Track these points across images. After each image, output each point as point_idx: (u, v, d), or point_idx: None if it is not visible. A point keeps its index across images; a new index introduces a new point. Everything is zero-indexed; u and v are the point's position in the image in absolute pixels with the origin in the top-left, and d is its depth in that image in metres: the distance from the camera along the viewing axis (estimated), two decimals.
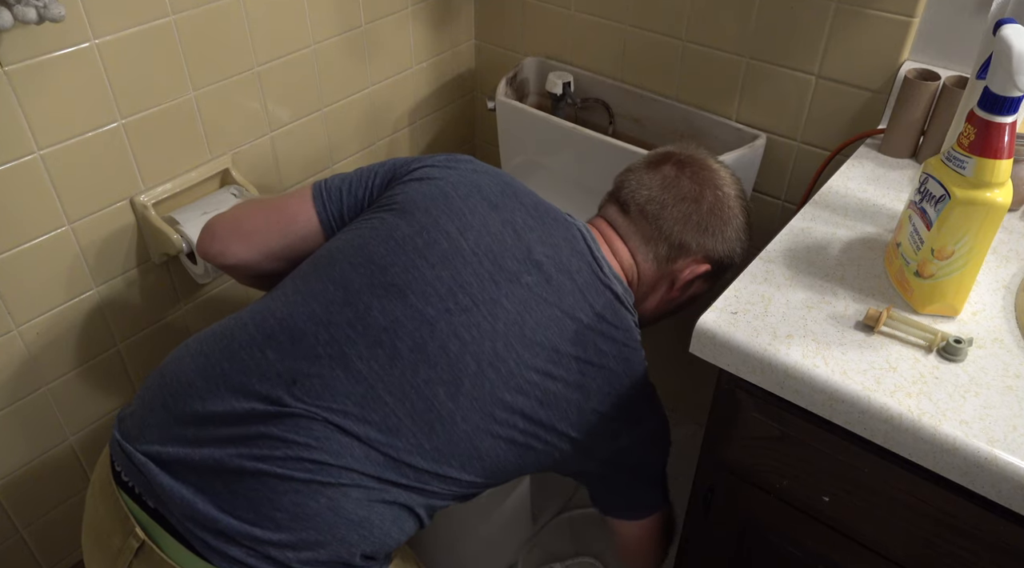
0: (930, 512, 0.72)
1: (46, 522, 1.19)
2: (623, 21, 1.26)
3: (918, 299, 0.77)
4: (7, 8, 0.83)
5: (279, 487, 0.72)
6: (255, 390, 0.75)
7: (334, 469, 0.74)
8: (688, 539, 0.98)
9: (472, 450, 0.79)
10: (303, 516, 0.73)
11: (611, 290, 0.87)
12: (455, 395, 0.77)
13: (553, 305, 0.82)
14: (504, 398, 0.79)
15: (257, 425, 0.74)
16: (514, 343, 0.79)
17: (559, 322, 0.82)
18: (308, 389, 0.75)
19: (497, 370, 0.78)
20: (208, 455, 0.74)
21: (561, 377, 0.81)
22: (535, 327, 0.81)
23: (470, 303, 0.79)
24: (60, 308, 1.07)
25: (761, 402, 0.78)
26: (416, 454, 0.77)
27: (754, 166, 1.21)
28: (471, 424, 0.78)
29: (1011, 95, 0.66)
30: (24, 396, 1.08)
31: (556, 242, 0.86)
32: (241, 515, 0.72)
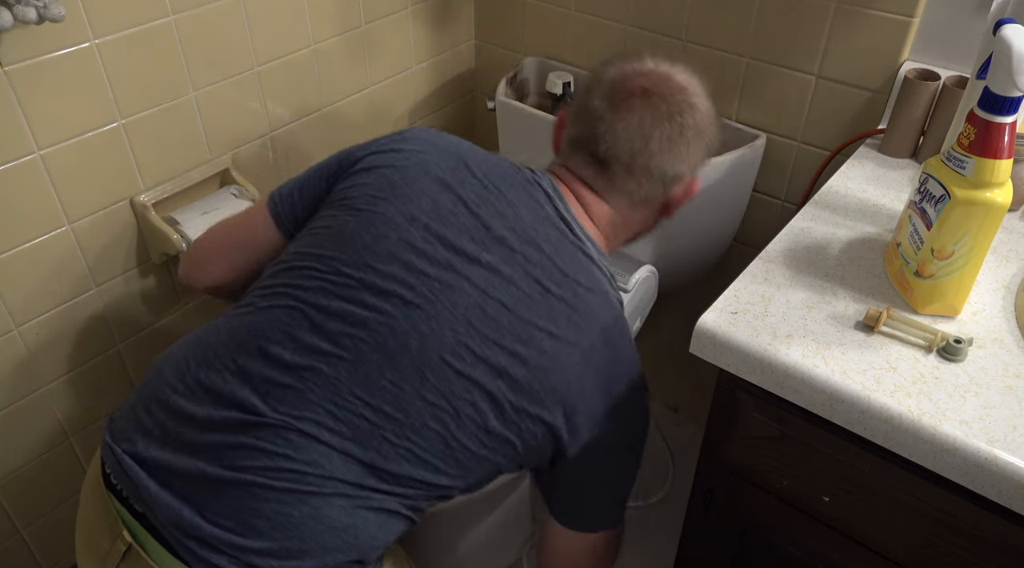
0: (930, 512, 0.72)
1: (46, 522, 1.19)
2: (623, 21, 1.26)
3: (918, 299, 0.77)
4: (7, 8, 0.83)
5: (261, 495, 0.72)
6: (233, 398, 0.74)
7: (314, 478, 0.73)
8: (688, 539, 0.98)
9: (445, 448, 0.76)
10: (286, 525, 0.72)
11: (584, 252, 0.81)
12: (420, 392, 0.75)
13: (519, 281, 0.77)
14: (470, 389, 0.75)
15: (236, 434, 0.73)
16: (478, 327, 0.76)
17: (527, 299, 0.77)
18: (281, 398, 0.74)
19: (462, 359, 0.75)
20: (191, 464, 0.73)
21: (532, 358, 0.76)
22: (500, 308, 0.76)
23: (427, 293, 0.76)
24: (60, 308, 1.07)
25: (761, 402, 0.78)
26: (392, 460, 0.75)
27: (754, 166, 1.21)
28: (441, 422, 0.75)
29: (1011, 95, 0.66)
30: (24, 396, 1.08)
31: (518, 212, 0.81)
32: (224, 524, 0.72)
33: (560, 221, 0.82)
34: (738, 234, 1.32)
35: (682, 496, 1.00)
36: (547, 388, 0.77)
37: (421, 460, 0.76)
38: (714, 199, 1.18)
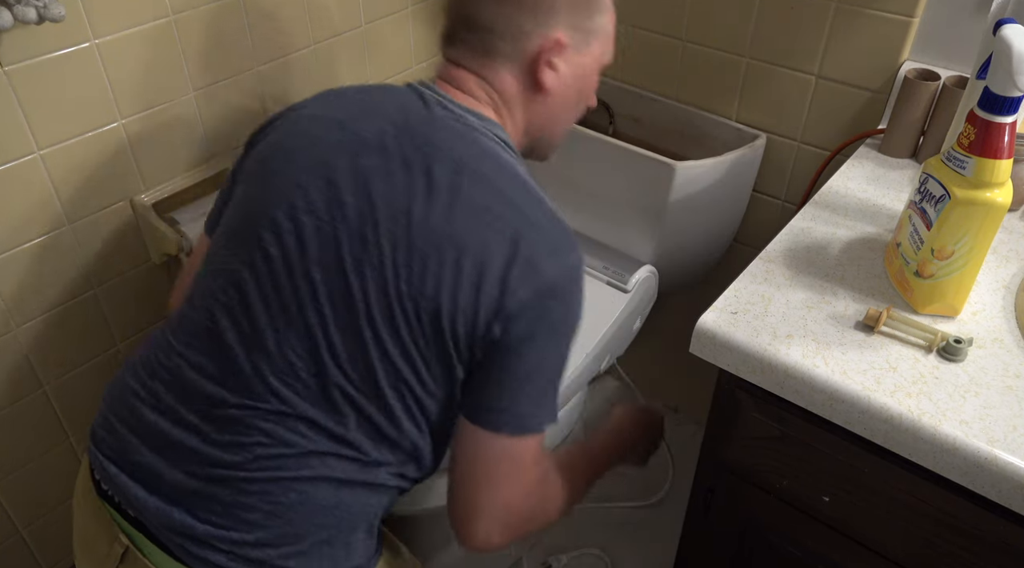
0: (930, 512, 0.72)
1: (46, 522, 1.19)
2: (623, 21, 1.26)
3: (918, 299, 0.77)
4: (7, 8, 0.83)
5: (247, 489, 0.72)
6: (199, 393, 0.74)
7: (293, 459, 0.72)
8: (688, 539, 0.98)
9: (391, 409, 0.74)
10: (276, 513, 0.72)
11: (473, 129, 0.76)
12: (350, 346, 0.73)
13: (408, 209, 0.72)
14: (387, 341, 0.72)
15: (207, 431, 0.73)
16: (390, 280, 0.71)
17: (423, 223, 0.71)
18: (241, 385, 0.74)
19: (386, 315, 0.72)
20: (172, 468, 0.73)
21: (449, 267, 0.70)
22: (409, 248, 0.71)
23: (321, 277, 0.73)
24: (60, 308, 1.07)
25: (761, 402, 0.78)
26: (355, 429, 0.73)
27: (754, 166, 1.21)
28: (387, 380, 0.73)
29: (1011, 95, 0.66)
30: (24, 396, 1.08)
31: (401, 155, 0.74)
32: (216, 521, 0.72)
33: (430, 107, 0.77)
34: (738, 234, 1.32)
35: (682, 496, 1.00)
36: (470, 286, 0.71)
37: (380, 426, 0.74)
38: (714, 199, 1.18)
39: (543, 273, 0.71)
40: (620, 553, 1.42)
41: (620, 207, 1.22)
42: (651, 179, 1.13)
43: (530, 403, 0.74)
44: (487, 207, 0.72)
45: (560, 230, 0.75)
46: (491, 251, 0.71)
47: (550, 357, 0.74)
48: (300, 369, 0.73)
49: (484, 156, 0.75)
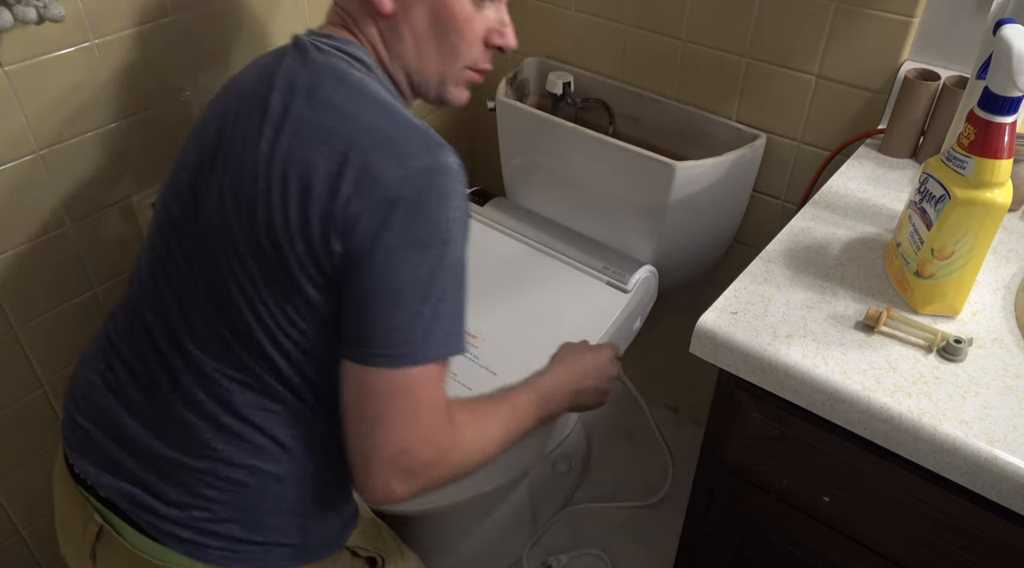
0: (930, 512, 0.72)
1: (46, 522, 1.19)
2: (623, 21, 1.26)
3: (918, 299, 0.77)
4: (7, 8, 0.83)
5: (198, 466, 0.73)
6: (142, 374, 0.77)
7: (225, 435, 0.73)
8: (688, 539, 0.98)
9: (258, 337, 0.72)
10: (229, 489, 0.73)
11: (325, 52, 0.74)
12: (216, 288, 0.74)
13: (245, 147, 0.72)
14: (248, 287, 0.72)
15: (152, 416, 0.75)
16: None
17: (255, 156, 0.70)
18: (167, 363, 0.76)
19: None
20: (129, 458, 0.75)
21: (277, 190, 0.69)
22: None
23: (193, 241, 0.75)
24: (60, 308, 1.07)
25: (761, 402, 0.78)
26: (265, 372, 0.73)
27: (754, 166, 1.21)
28: (265, 334, 0.73)
29: (1011, 95, 0.66)
30: (24, 396, 1.08)
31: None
32: (175, 500, 0.73)
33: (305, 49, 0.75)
34: (738, 234, 1.32)
35: (682, 496, 1.00)
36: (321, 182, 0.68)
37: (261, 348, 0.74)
38: (714, 199, 1.18)
39: (383, 180, 0.66)
40: (620, 553, 1.42)
41: (620, 207, 1.22)
42: (651, 179, 1.13)
43: (401, 330, 0.66)
44: (318, 125, 0.69)
45: (414, 138, 0.69)
46: (315, 164, 0.67)
47: (412, 275, 0.66)
48: (205, 333, 0.74)
49: (328, 76, 0.72)
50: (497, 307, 1.18)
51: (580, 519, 1.48)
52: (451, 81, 0.81)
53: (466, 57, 0.80)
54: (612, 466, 1.58)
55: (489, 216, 1.33)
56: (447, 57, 0.79)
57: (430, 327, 0.67)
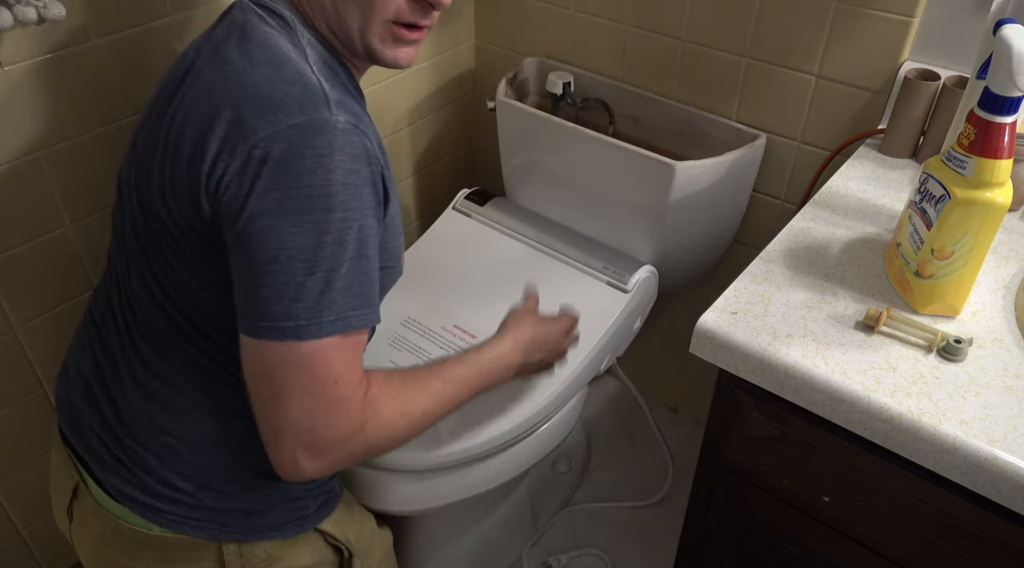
0: (930, 512, 0.72)
1: (46, 522, 1.19)
2: (623, 21, 1.26)
3: (918, 299, 0.77)
4: (7, 8, 0.83)
5: (142, 430, 0.76)
6: (104, 334, 0.79)
7: (158, 400, 0.75)
8: (688, 539, 0.98)
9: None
10: (167, 453, 0.75)
11: (247, 10, 0.70)
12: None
13: (156, 110, 0.72)
14: (143, 250, 0.74)
15: (112, 382, 0.78)
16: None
17: (159, 119, 0.71)
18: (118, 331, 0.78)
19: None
20: (93, 421, 0.78)
21: (159, 150, 0.69)
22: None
23: (123, 211, 0.77)
24: (60, 308, 1.07)
25: (761, 402, 0.78)
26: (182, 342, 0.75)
27: (754, 166, 1.21)
28: (161, 294, 0.74)
29: (1011, 95, 0.66)
30: (24, 396, 1.08)
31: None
32: (128, 461, 0.75)
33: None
34: (738, 234, 1.32)
35: (682, 496, 1.00)
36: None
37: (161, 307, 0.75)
38: (714, 199, 1.18)
39: (252, 136, 0.61)
40: (620, 553, 1.42)
41: (620, 207, 1.22)
42: (651, 179, 1.13)
43: (281, 302, 0.61)
44: (209, 80, 0.66)
45: (295, 92, 0.63)
46: (190, 121, 0.65)
47: (288, 242, 0.61)
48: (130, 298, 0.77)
49: (235, 33, 0.69)
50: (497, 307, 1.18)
51: (580, 519, 1.48)
52: (375, 37, 0.73)
53: (386, 10, 0.71)
54: (612, 466, 1.58)
55: (489, 216, 1.33)
56: (364, 10, 0.71)
57: (321, 300, 0.62)
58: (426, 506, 1.06)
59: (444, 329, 1.15)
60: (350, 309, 0.64)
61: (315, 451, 0.65)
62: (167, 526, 0.75)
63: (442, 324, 1.15)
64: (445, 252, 1.29)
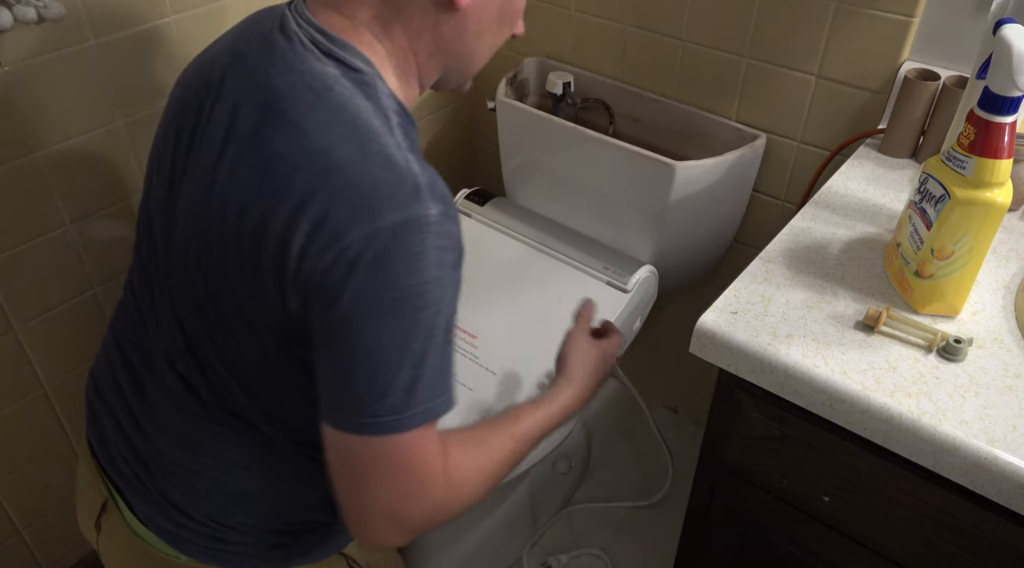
0: (930, 512, 0.72)
1: (46, 522, 1.19)
2: (623, 21, 1.26)
3: (918, 299, 0.77)
4: (7, 8, 0.83)
5: (176, 462, 0.74)
6: (132, 364, 0.77)
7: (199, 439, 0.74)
8: (688, 539, 0.98)
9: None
10: (200, 490, 0.74)
11: (315, 58, 0.62)
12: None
13: (204, 172, 0.64)
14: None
15: (142, 410, 0.76)
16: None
17: (212, 187, 0.63)
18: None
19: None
20: (122, 444, 0.77)
21: (231, 238, 0.62)
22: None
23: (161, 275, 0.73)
24: (60, 308, 1.07)
25: (761, 402, 0.78)
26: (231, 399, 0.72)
27: (754, 166, 1.21)
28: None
29: (1011, 95, 0.66)
30: (24, 396, 1.08)
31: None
32: (157, 490, 0.74)
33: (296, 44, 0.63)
34: (738, 234, 1.32)
35: (682, 496, 1.00)
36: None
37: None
38: (714, 199, 1.18)
39: (343, 236, 0.57)
40: (620, 553, 1.42)
41: (620, 207, 1.22)
42: (651, 179, 1.13)
43: (372, 401, 0.59)
44: (280, 155, 0.59)
45: (387, 180, 0.58)
46: (261, 206, 0.59)
47: (380, 343, 0.58)
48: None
49: (305, 92, 0.60)
50: (497, 307, 1.18)
51: (580, 519, 1.48)
52: (474, 70, 0.73)
53: (483, 62, 0.72)
54: (612, 466, 1.58)
55: (489, 216, 1.33)
56: (491, 48, 0.70)
57: (411, 394, 0.60)
58: None
59: None
60: (436, 397, 0.62)
61: (400, 527, 0.65)
62: (196, 557, 0.74)
63: None
64: None
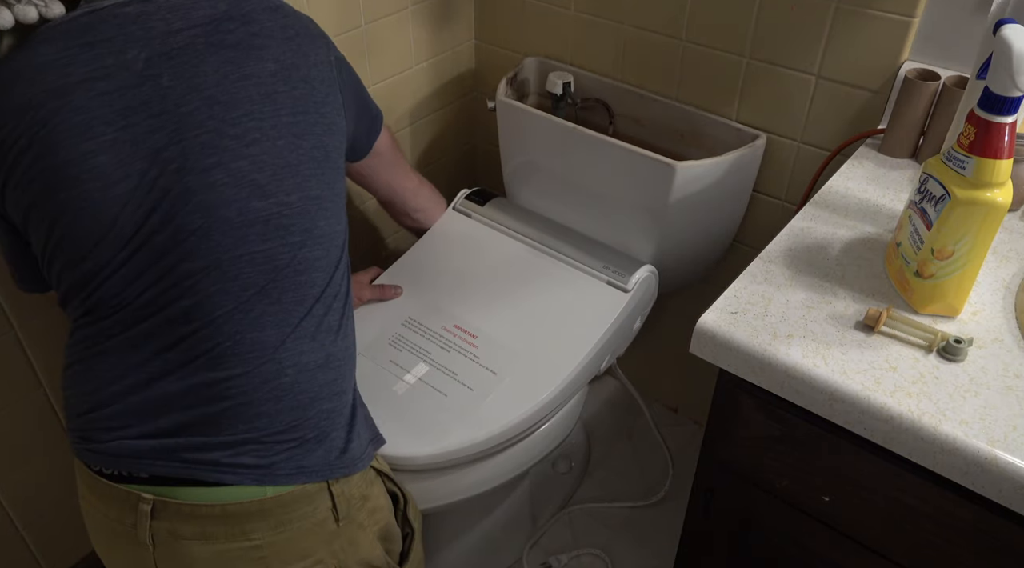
0: (930, 512, 0.72)
1: (46, 522, 1.19)
2: (623, 21, 1.26)
3: (918, 299, 0.77)
4: (7, 8, 0.83)
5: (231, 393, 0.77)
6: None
7: (259, 346, 0.76)
8: (688, 539, 0.98)
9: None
10: (274, 399, 0.77)
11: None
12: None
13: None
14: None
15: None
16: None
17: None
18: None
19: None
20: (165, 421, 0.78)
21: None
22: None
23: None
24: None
25: (761, 402, 0.78)
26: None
27: (754, 166, 1.21)
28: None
29: (1011, 95, 0.66)
30: (24, 396, 1.08)
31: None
32: (227, 427, 0.76)
33: None
34: (738, 234, 1.32)
35: (682, 496, 1.00)
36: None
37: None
38: (714, 199, 1.18)
39: None
40: (620, 553, 1.42)
41: (620, 207, 1.22)
42: (651, 179, 1.13)
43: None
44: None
45: None
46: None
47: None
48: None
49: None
50: (497, 307, 1.18)
51: (580, 519, 1.48)
52: None
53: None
54: (612, 466, 1.58)
55: (489, 216, 1.33)
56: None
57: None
58: (426, 506, 1.06)
59: (444, 329, 1.15)
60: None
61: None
62: (282, 482, 0.77)
63: (442, 324, 1.15)
64: (445, 252, 1.29)
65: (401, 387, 1.07)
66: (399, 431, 1.00)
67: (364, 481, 0.84)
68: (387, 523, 0.89)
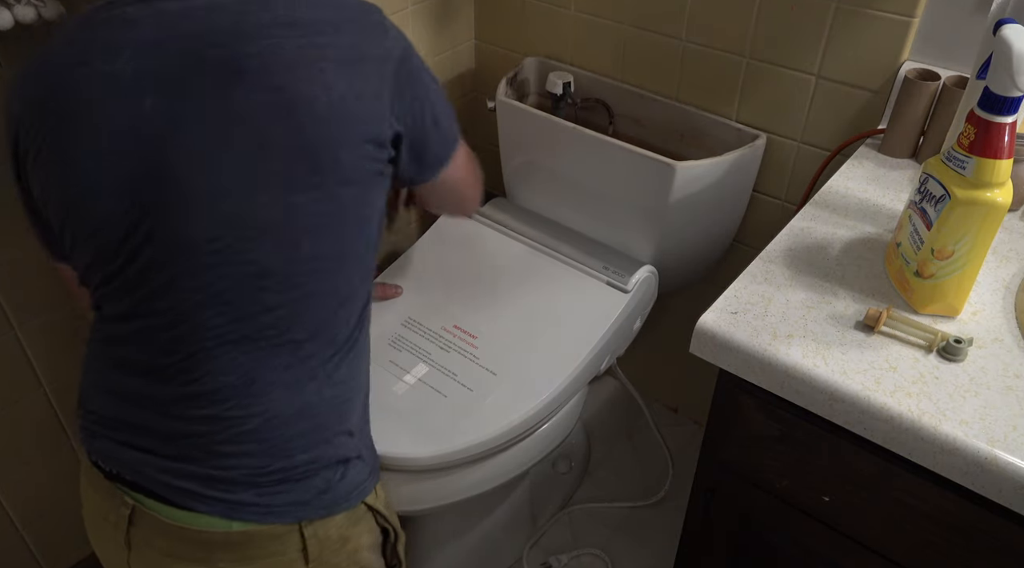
0: (930, 512, 0.72)
1: (46, 522, 1.19)
2: (623, 21, 1.26)
3: (918, 299, 0.77)
4: (7, 8, 0.83)
5: (214, 428, 0.75)
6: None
7: (243, 387, 0.74)
8: (688, 539, 0.98)
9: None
10: (249, 441, 0.74)
11: None
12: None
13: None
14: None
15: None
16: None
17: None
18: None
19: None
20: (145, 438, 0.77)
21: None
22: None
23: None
24: (61, 308, 1.07)
25: (761, 402, 0.78)
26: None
27: (754, 166, 1.21)
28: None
29: (1011, 95, 0.66)
30: (24, 395, 1.08)
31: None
32: (194, 458, 0.75)
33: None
34: (738, 234, 1.32)
35: (682, 496, 1.00)
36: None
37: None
38: (714, 199, 1.18)
39: None
40: (620, 553, 1.42)
41: (620, 207, 1.22)
42: (651, 179, 1.13)
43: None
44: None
45: None
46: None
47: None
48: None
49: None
50: (497, 307, 1.18)
51: (580, 519, 1.48)
52: None
53: None
54: (612, 466, 1.58)
55: (489, 216, 1.33)
56: None
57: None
58: (426, 506, 1.06)
59: (444, 329, 1.15)
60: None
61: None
62: (250, 519, 0.75)
63: (442, 324, 1.15)
64: (445, 252, 1.29)
65: (401, 388, 1.07)
66: (399, 432, 1.00)
67: (348, 521, 0.80)
68: (368, 564, 0.84)
